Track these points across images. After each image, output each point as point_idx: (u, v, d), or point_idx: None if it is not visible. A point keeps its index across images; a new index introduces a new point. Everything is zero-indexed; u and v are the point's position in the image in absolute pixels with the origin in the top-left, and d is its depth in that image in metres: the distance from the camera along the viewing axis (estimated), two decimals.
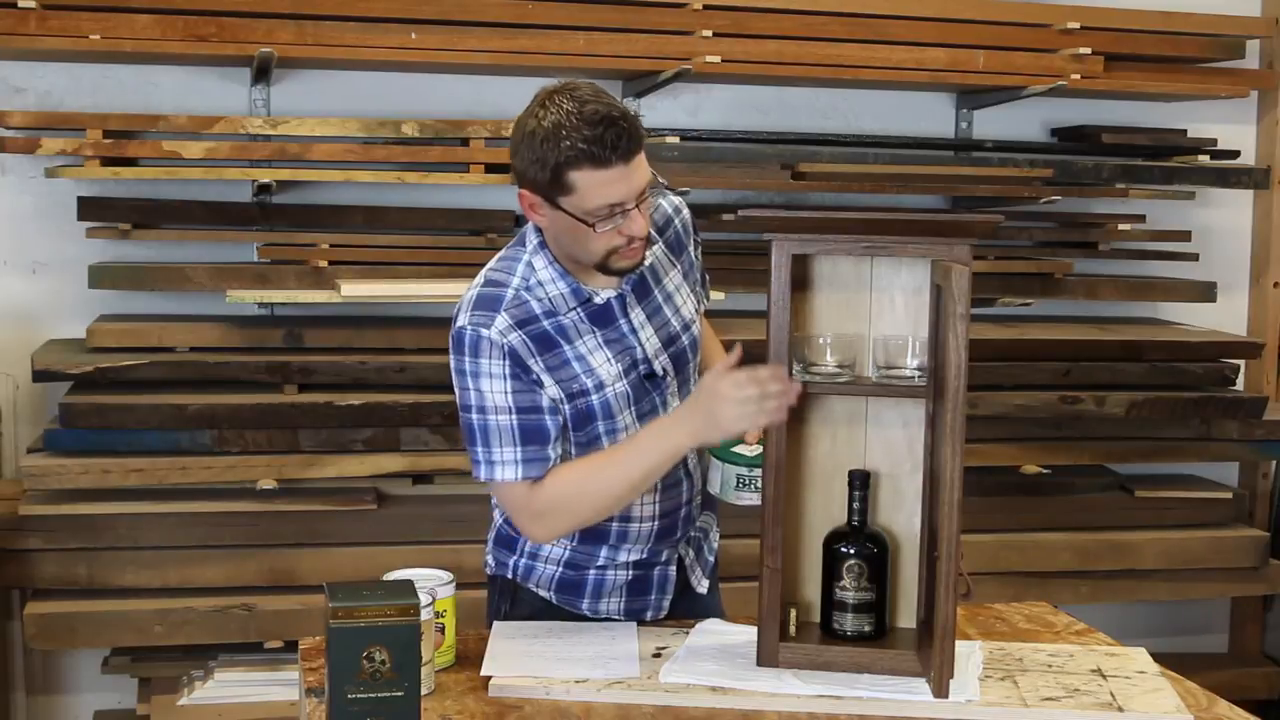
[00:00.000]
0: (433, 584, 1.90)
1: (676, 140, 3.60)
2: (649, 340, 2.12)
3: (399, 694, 1.64)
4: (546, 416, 2.04)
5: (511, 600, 2.24)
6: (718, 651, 1.99)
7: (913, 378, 1.92)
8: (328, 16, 3.33)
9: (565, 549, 2.20)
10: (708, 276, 2.32)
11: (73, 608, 3.19)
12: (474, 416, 2.05)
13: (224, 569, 3.27)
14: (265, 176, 3.38)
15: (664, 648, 2.02)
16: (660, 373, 2.12)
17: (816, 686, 1.86)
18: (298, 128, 3.39)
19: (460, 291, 2.14)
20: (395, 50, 3.37)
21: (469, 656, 1.97)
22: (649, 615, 2.24)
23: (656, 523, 2.18)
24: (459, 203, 3.68)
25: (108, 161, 3.33)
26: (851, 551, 1.92)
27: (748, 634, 2.00)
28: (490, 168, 3.47)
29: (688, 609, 2.25)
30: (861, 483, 1.93)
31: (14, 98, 3.49)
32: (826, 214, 1.95)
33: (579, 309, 2.07)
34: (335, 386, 3.37)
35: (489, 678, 1.88)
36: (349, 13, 3.34)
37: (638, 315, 2.12)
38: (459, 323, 2.06)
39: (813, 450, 1.99)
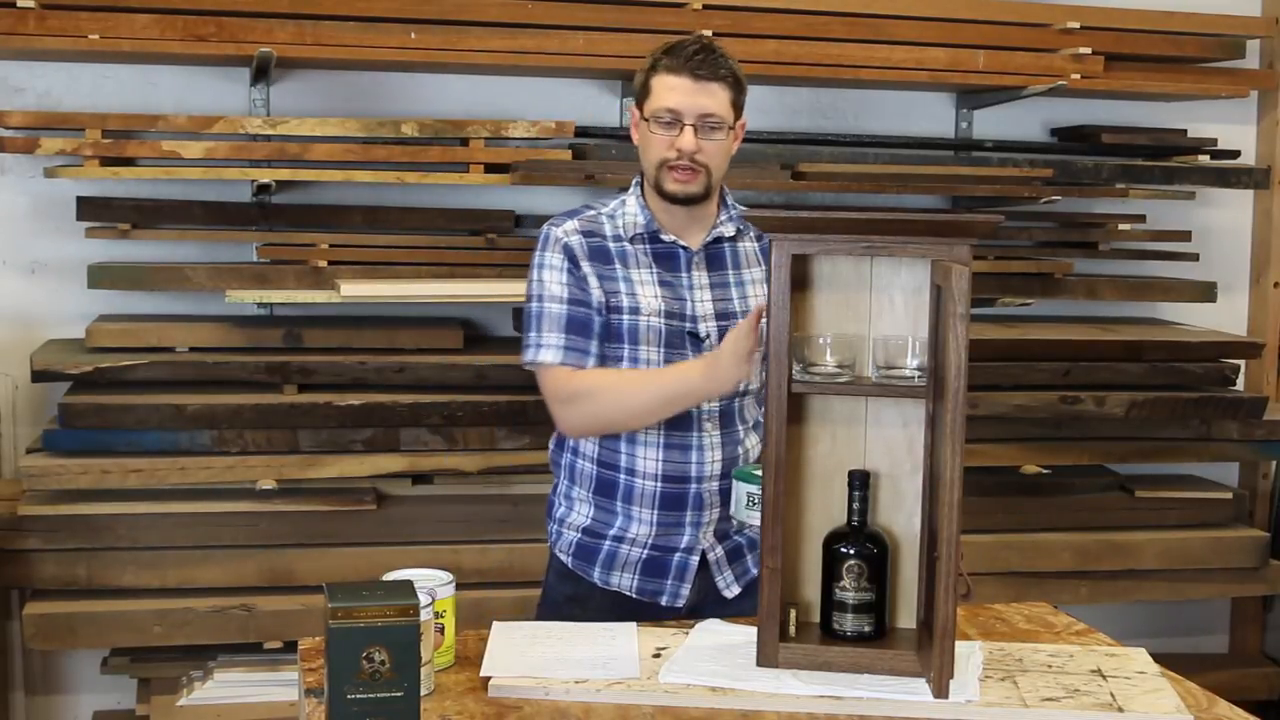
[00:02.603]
0: (432, 584, 1.90)
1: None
2: (702, 302, 2.29)
3: (398, 694, 1.63)
4: (594, 313, 2.26)
5: (548, 568, 2.45)
6: (717, 652, 1.99)
7: (913, 378, 1.92)
8: (327, 16, 3.33)
9: (586, 516, 2.33)
10: None
11: (72, 608, 3.19)
12: (532, 304, 2.28)
13: (223, 569, 3.27)
14: (265, 176, 3.37)
15: (664, 648, 2.01)
16: (704, 335, 2.27)
17: (816, 687, 1.86)
18: (297, 128, 3.39)
19: (460, 291, 2.21)
20: (395, 50, 3.37)
21: (469, 657, 1.97)
22: (664, 600, 2.30)
23: (660, 485, 2.28)
24: (459, 203, 3.68)
25: (107, 161, 3.33)
26: (851, 552, 1.92)
27: (747, 634, 2.00)
28: (490, 168, 3.47)
29: (709, 611, 2.26)
30: (861, 483, 1.92)
31: (13, 97, 3.49)
32: (826, 214, 1.94)
33: (647, 245, 2.29)
34: (335, 387, 3.37)
35: (488, 678, 1.88)
36: (349, 12, 3.34)
37: (700, 277, 2.30)
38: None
39: (813, 450, 1.99)
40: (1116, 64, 3.82)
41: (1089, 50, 3.74)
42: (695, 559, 2.32)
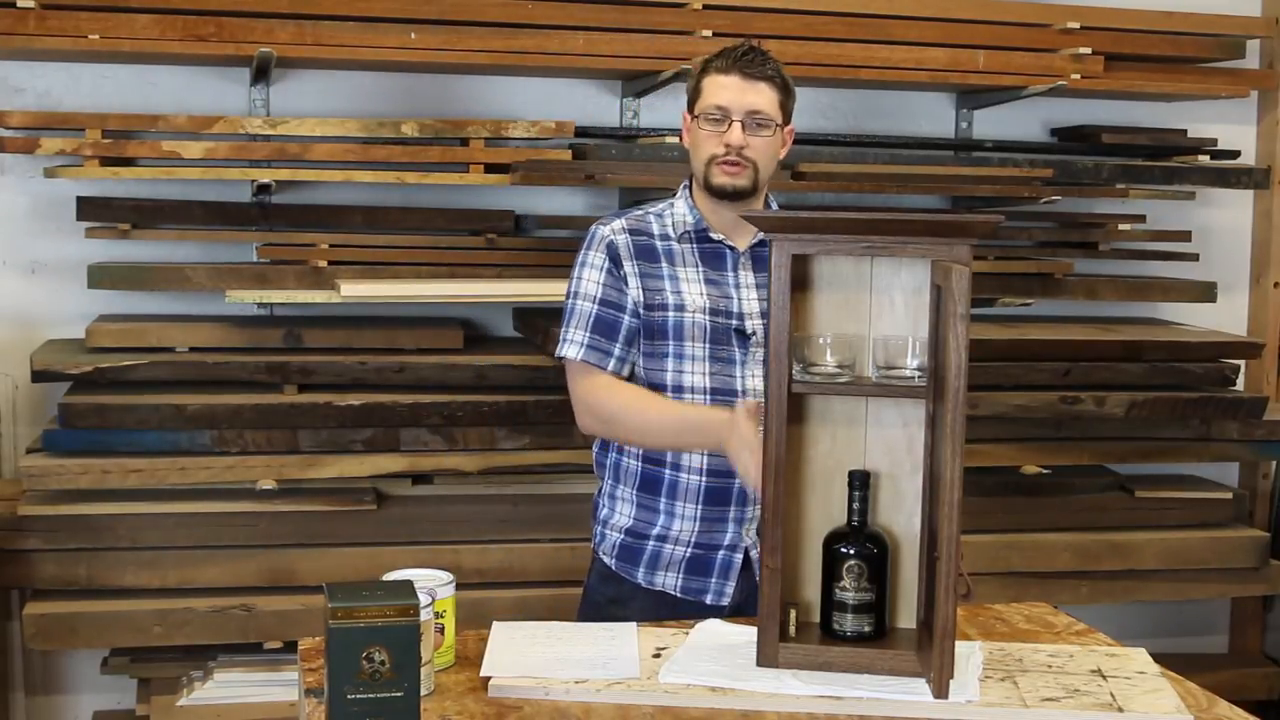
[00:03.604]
0: (432, 584, 1.89)
1: (677, 140, 3.59)
2: (749, 300, 2.34)
3: (398, 694, 1.63)
4: (625, 316, 2.33)
5: (590, 569, 2.49)
6: (717, 652, 1.99)
7: (913, 378, 1.92)
8: (327, 16, 3.33)
9: (629, 517, 2.37)
10: None
11: (72, 608, 3.19)
12: (568, 300, 2.36)
13: (223, 569, 3.27)
14: (265, 176, 3.37)
15: (664, 648, 2.01)
16: (750, 332, 2.31)
17: (816, 687, 1.86)
18: (297, 128, 3.39)
19: (460, 291, 2.22)
20: (395, 50, 3.37)
21: (469, 657, 1.97)
22: (709, 599, 2.34)
23: (704, 479, 2.32)
24: (459, 203, 3.68)
25: (107, 161, 3.33)
26: (851, 552, 1.92)
27: (748, 634, 2.00)
28: (490, 168, 3.47)
29: (754, 610, 2.26)
30: (861, 483, 1.92)
31: (13, 98, 3.49)
32: (826, 214, 1.95)
33: (694, 244, 2.35)
34: (335, 387, 3.37)
35: (489, 678, 1.88)
36: (349, 12, 3.34)
37: (747, 277, 2.35)
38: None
39: (813, 450, 1.99)
40: (1116, 64, 3.82)
41: (1089, 50, 3.74)
42: (739, 556, 2.35)
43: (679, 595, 2.36)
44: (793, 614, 1.95)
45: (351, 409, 3.29)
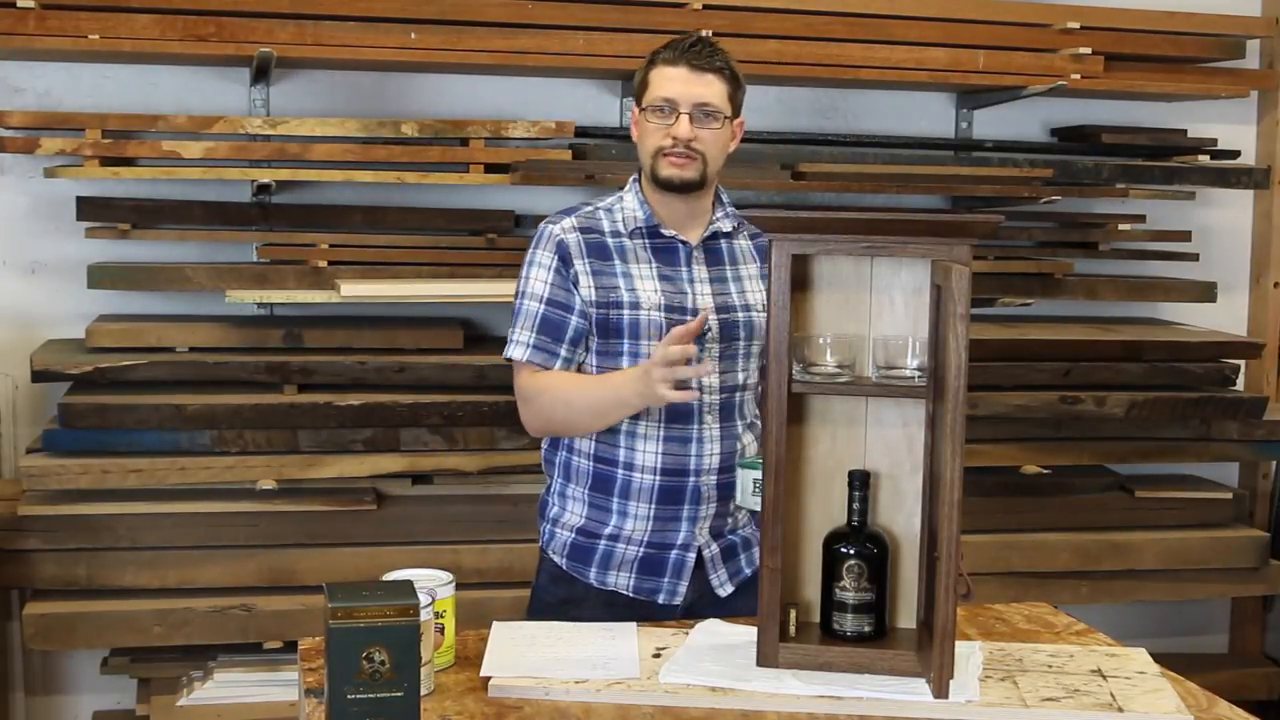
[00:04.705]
0: (432, 584, 1.90)
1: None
2: (703, 295, 2.31)
3: (398, 694, 1.63)
4: (572, 316, 2.29)
5: (539, 569, 2.42)
6: (717, 652, 1.99)
7: (913, 378, 1.92)
8: (327, 16, 3.33)
9: (580, 516, 2.34)
10: None
11: (72, 608, 3.19)
12: (517, 300, 2.33)
13: (223, 569, 3.27)
14: (265, 176, 3.37)
15: (664, 648, 2.01)
16: (706, 328, 2.27)
17: (816, 687, 1.86)
18: (297, 128, 3.39)
19: (460, 291, 2.22)
20: (395, 50, 3.37)
21: (469, 657, 1.97)
22: (661, 599, 2.31)
23: (658, 479, 2.28)
24: (458, 203, 3.68)
25: (107, 161, 3.33)
26: (851, 552, 1.92)
27: (748, 634, 2.00)
28: (490, 168, 3.47)
29: (705, 610, 2.27)
30: (861, 483, 1.92)
31: (13, 98, 3.49)
32: (826, 214, 1.95)
33: (646, 240, 2.31)
34: (335, 387, 3.37)
35: (489, 678, 1.88)
36: (349, 12, 3.34)
37: (700, 271, 2.32)
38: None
39: (813, 450, 1.99)
40: (1116, 64, 3.81)
41: (1089, 50, 3.74)
42: (691, 556, 2.32)
43: (631, 595, 2.33)
44: (793, 614, 1.96)
45: (351, 409, 3.29)
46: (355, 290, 3.29)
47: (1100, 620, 2.62)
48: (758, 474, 2.08)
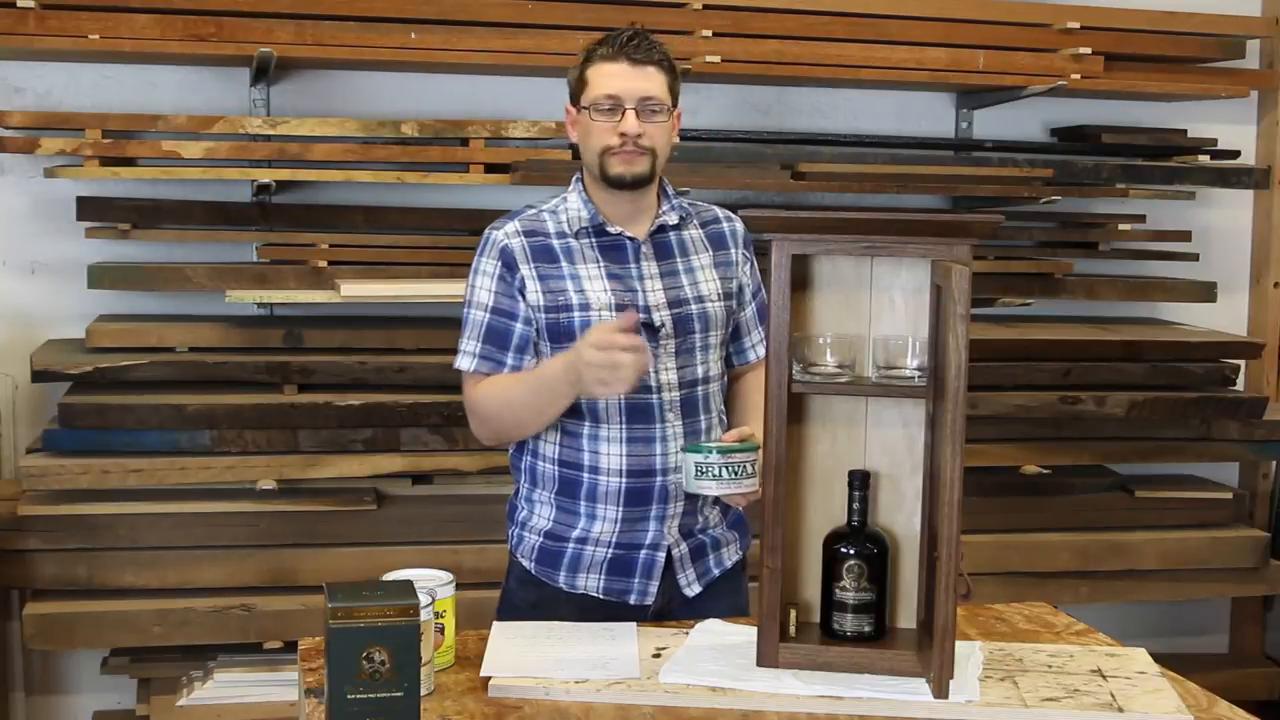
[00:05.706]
0: (432, 584, 1.90)
1: (676, 140, 3.59)
2: (654, 292, 2.26)
3: (398, 694, 1.63)
4: (517, 324, 2.25)
5: (509, 573, 2.37)
6: (717, 652, 1.99)
7: (913, 378, 1.92)
8: (327, 16, 3.33)
9: (548, 519, 2.31)
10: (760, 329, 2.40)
11: (72, 608, 3.19)
12: (465, 308, 2.31)
13: (223, 569, 3.27)
14: (265, 176, 3.37)
15: (664, 648, 2.01)
16: (658, 324, 2.24)
17: (816, 687, 1.86)
18: (297, 128, 3.39)
19: (460, 291, 2.19)
20: (395, 50, 3.37)
21: (469, 657, 1.97)
22: (632, 599, 2.28)
23: (624, 480, 2.25)
24: (458, 203, 3.68)
25: (107, 161, 3.33)
26: (851, 552, 1.92)
27: (748, 634, 2.00)
28: (490, 168, 3.47)
29: (674, 611, 2.26)
30: (861, 483, 1.92)
31: (13, 98, 3.49)
32: (826, 214, 1.95)
33: (592, 239, 2.26)
34: (335, 387, 3.37)
35: (489, 678, 1.88)
36: (349, 13, 3.34)
37: (650, 267, 2.28)
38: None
39: (813, 450, 1.99)
40: (1116, 64, 3.82)
41: (1089, 50, 3.74)
42: (661, 555, 2.29)
43: (601, 597, 2.29)
44: (793, 614, 1.96)
45: (351, 409, 3.29)
46: (355, 290, 3.29)
47: (1100, 620, 2.62)
48: (699, 456, 2.05)
